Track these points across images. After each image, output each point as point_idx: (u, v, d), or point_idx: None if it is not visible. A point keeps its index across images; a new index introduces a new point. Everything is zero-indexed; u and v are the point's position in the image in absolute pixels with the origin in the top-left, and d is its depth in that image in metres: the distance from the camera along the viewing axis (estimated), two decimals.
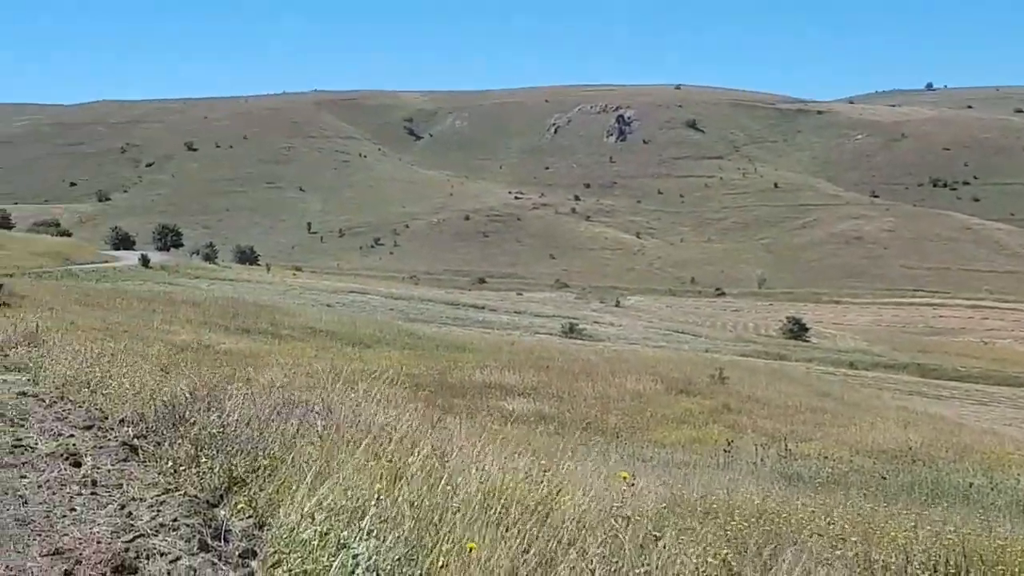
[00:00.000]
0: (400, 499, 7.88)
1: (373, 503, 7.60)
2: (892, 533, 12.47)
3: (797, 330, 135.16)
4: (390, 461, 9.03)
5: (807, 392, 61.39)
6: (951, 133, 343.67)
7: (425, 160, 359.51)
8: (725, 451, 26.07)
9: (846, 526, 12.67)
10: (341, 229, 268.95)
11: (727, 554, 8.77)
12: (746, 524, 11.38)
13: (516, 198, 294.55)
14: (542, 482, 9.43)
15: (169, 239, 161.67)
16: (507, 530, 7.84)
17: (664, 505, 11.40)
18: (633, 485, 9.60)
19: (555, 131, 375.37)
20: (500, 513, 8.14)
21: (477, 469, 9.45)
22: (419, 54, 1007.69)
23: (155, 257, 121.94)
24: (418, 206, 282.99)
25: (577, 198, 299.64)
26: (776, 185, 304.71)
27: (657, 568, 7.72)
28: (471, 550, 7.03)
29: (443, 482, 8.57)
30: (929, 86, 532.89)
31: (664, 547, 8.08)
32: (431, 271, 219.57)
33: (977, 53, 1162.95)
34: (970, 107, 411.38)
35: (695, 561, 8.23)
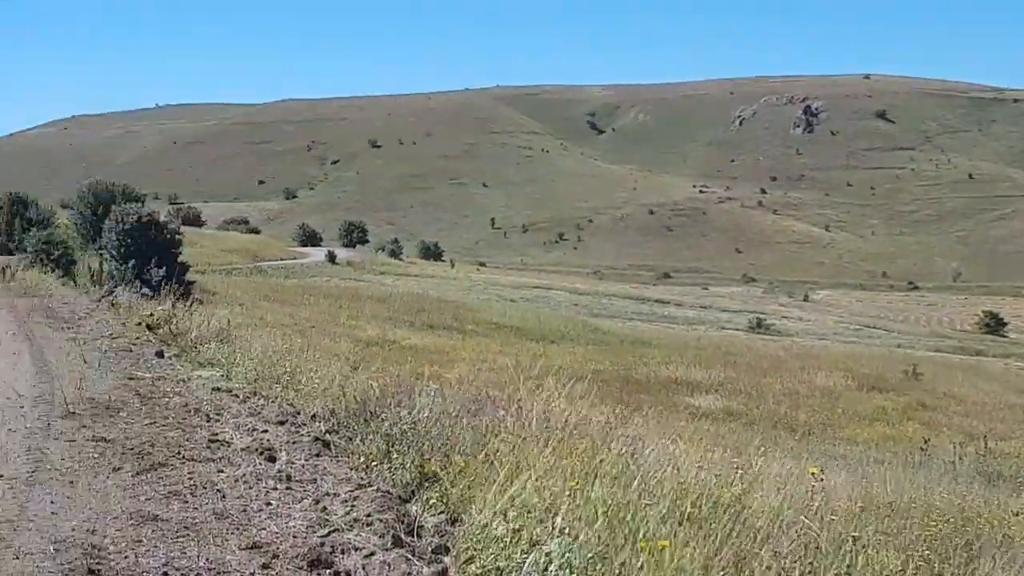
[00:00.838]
0: (592, 496, 7.84)
1: (566, 501, 7.57)
2: None
3: (994, 325, 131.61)
4: (581, 458, 8.97)
5: (1005, 389, 59.80)
6: None
7: (608, 154, 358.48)
8: (921, 449, 25.44)
9: None
10: (524, 225, 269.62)
11: (928, 555, 8.57)
12: (946, 525, 11.09)
13: (701, 192, 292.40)
14: (734, 480, 9.30)
15: (355, 235, 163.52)
16: (699, 528, 7.75)
17: (859, 505, 11.15)
18: (822, 480, 9.43)
19: (740, 123, 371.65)
20: (692, 511, 8.04)
21: (668, 466, 9.36)
22: (602, 48, 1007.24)
23: (341, 253, 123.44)
24: (601, 201, 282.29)
25: (763, 191, 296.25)
26: (971, 176, 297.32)
27: (857, 568, 7.57)
28: (663, 548, 6.95)
29: (635, 480, 8.50)
30: None
31: (862, 547, 7.91)
32: (615, 266, 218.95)
33: None
34: None
35: (896, 562, 8.05)
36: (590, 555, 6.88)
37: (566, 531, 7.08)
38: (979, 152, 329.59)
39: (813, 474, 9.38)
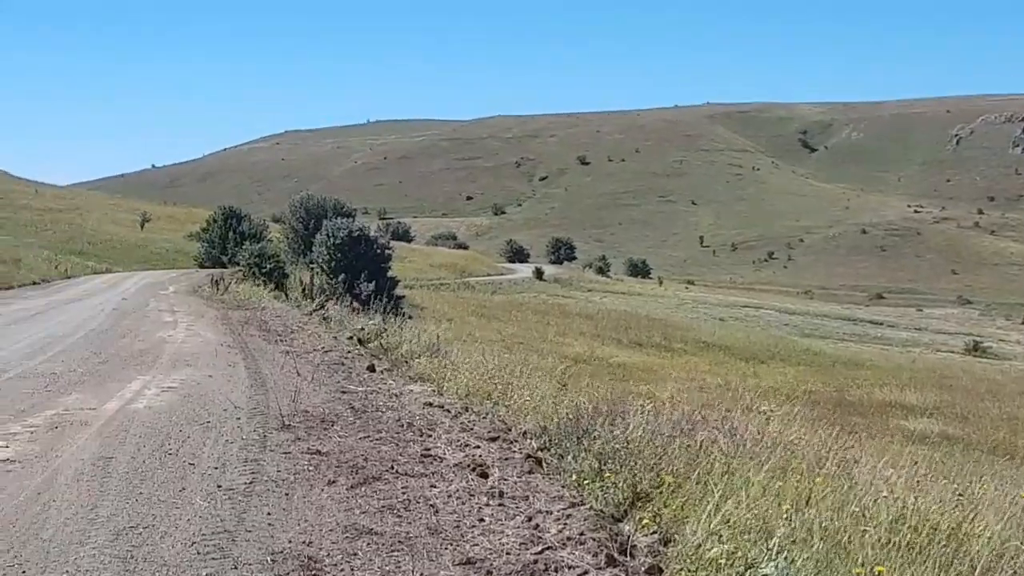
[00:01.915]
0: (809, 519, 7.71)
1: (781, 523, 7.45)
2: None
3: None
4: (795, 480, 8.84)
5: None
6: None
7: (820, 173, 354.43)
8: None
9: None
10: (734, 243, 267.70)
11: None
12: None
13: (916, 212, 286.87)
14: (955, 507, 9.06)
15: (562, 252, 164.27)
16: (918, 554, 7.58)
17: None
18: None
19: (957, 142, 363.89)
20: (911, 537, 7.86)
21: (884, 491, 9.15)
22: (813, 64, 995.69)
23: (548, 270, 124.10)
24: (813, 220, 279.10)
25: (981, 212, 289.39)
26: None
27: None
28: (880, 574, 6.81)
29: (851, 503, 8.34)
30: None
31: None
32: (826, 286, 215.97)
33: None
34: None
35: None
36: None
37: (782, 554, 6.96)
38: None
39: None
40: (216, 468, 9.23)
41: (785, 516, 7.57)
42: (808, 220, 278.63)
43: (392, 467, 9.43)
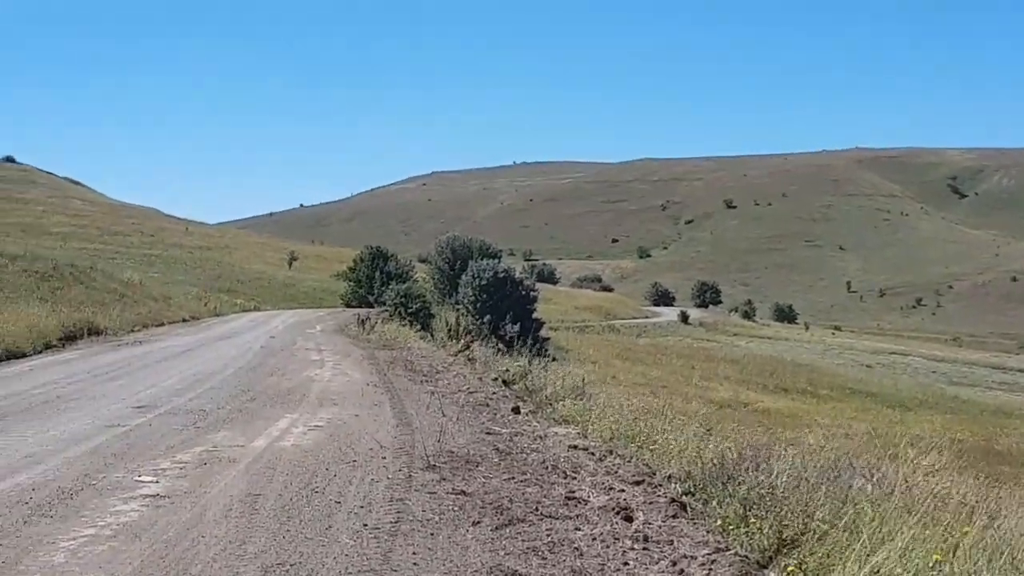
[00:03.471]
0: (959, 571, 7.60)
1: (928, 574, 7.36)
2: None
3: None
4: (944, 530, 8.71)
5: None
6: None
7: (969, 219, 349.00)
8: None
9: None
10: (881, 289, 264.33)
11: None
12: None
13: None
14: None
15: (708, 296, 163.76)
16: None
17: None
18: None
19: None
20: None
21: None
22: (963, 109, 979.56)
23: (693, 313, 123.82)
24: (962, 266, 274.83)
25: None
26: None
27: None
28: None
29: (1004, 556, 8.20)
30: None
31: None
32: (975, 333, 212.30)
33: None
34: None
35: None
36: None
37: None
38: None
39: None
40: (362, 507, 9.33)
41: (933, 566, 7.48)
42: (957, 267, 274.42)
43: (536, 509, 9.46)
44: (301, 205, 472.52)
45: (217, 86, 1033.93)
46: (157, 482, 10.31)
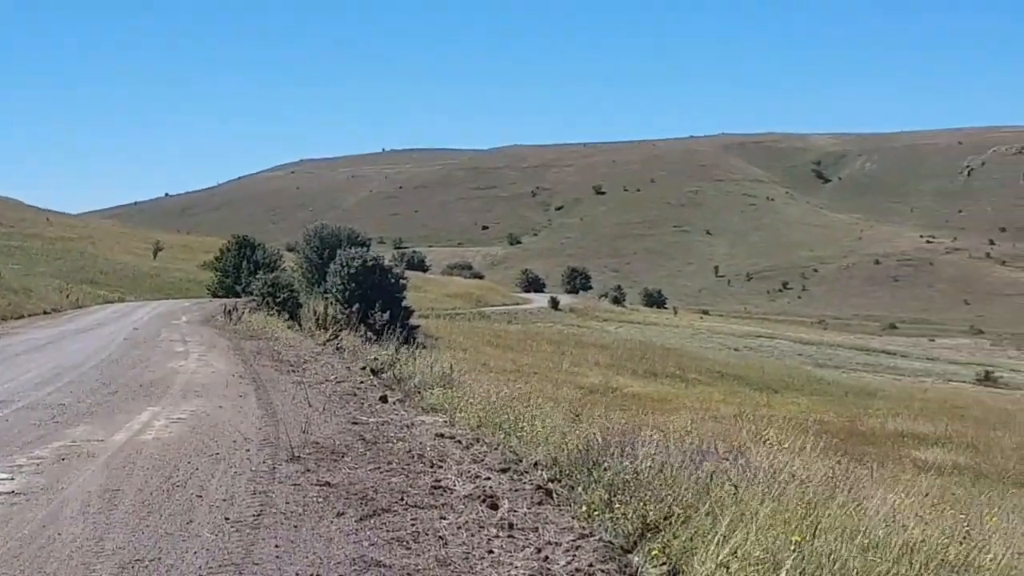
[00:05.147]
0: (817, 550, 7.70)
1: (790, 554, 7.45)
2: None
3: None
4: (805, 511, 8.83)
5: None
6: None
7: (833, 203, 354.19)
8: None
9: None
10: (748, 273, 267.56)
11: None
12: None
13: (928, 242, 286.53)
14: (963, 538, 9.05)
15: (578, 282, 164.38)
16: None
17: None
18: None
19: (969, 173, 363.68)
20: (919, 568, 7.86)
21: (893, 521, 9.15)
22: (828, 95, 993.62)
23: (564, 299, 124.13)
24: (826, 250, 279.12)
25: (992, 242, 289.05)
26: None
27: None
28: None
29: (860, 535, 8.33)
30: None
31: None
32: (840, 316, 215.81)
33: None
34: None
35: None
36: None
37: None
38: None
39: None
40: (224, 500, 9.24)
41: (794, 547, 7.57)
42: (822, 250, 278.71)
43: (402, 499, 9.43)
44: (167, 194, 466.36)
45: (82, 72, 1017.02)
46: (12, 479, 10.12)
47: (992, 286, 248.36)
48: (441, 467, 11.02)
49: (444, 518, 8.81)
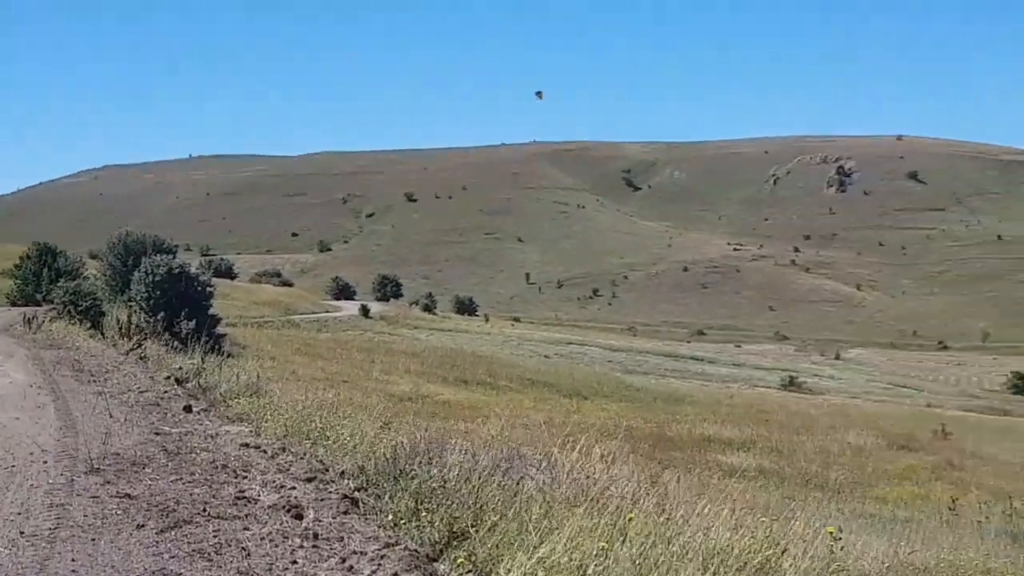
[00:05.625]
0: (622, 557, 7.73)
1: (595, 561, 7.47)
2: None
3: (1023, 385, 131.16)
4: (612, 518, 8.86)
5: None
6: None
7: (644, 211, 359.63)
8: (949, 509, 25.38)
9: None
10: (559, 280, 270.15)
11: None
12: None
13: (735, 250, 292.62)
14: (764, 540, 9.18)
15: (389, 289, 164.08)
16: None
17: (887, 565, 11.05)
18: (840, 540, 9.34)
19: (774, 182, 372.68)
20: (722, 572, 7.95)
21: (698, 527, 9.24)
22: (638, 105, 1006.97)
23: (375, 307, 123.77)
24: (636, 257, 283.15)
25: (797, 250, 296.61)
26: (1000, 237, 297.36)
27: None
28: None
29: (666, 540, 8.39)
30: None
31: None
32: (649, 323, 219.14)
33: None
34: None
35: None
36: None
37: None
38: (1009, 213, 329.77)
39: (831, 533, 9.33)
40: (19, 514, 8.93)
41: (599, 554, 7.59)
42: (632, 258, 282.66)
43: (204, 510, 9.24)
44: None
45: None
46: None
47: (796, 293, 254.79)
48: (246, 477, 10.84)
49: (248, 529, 8.65)
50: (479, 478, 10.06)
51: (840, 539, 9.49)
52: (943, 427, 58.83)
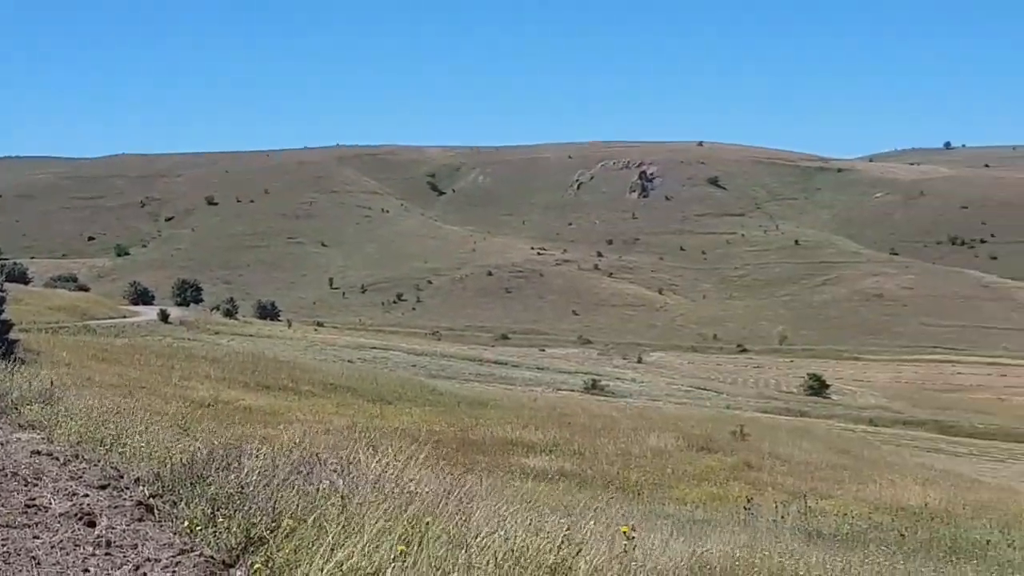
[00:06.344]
0: (420, 561, 7.75)
1: (391, 565, 7.47)
2: None
3: (818, 387, 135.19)
4: (411, 521, 8.87)
5: (827, 449, 61.47)
6: (969, 191, 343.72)
7: (448, 216, 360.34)
8: (745, 508, 25.97)
9: None
10: (363, 285, 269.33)
11: None
12: None
13: (539, 254, 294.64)
14: (561, 541, 9.27)
15: (189, 294, 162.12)
16: None
17: (682, 563, 11.26)
18: (633, 539, 9.46)
19: (578, 187, 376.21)
20: (516, 573, 8.02)
21: (498, 528, 9.30)
22: (443, 109, 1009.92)
23: (174, 312, 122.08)
24: (441, 262, 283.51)
25: (600, 254, 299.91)
26: (797, 242, 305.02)
27: None
28: None
29: (464, 542, 8.44)
30: (947, 145, 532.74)
31: None
32: (453, 327, 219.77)
33: (994, 113, 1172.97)
34: (987, 166, 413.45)
35: None
36: None
37: None
38: (806, 219, 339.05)
39: (624, 532, 9.46)
40: None
41: (396, 557, 7.60)
42: (436, 262, 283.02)
43: None
44: None
45: None
46: None
47: (599, 297, 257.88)
48: (36, 485, 10.59)
49: (38, 537, 8.46)
50: (278, 483, 10.00)
51: (633, 538, 9.60)
52: (741, 428, 59.99)
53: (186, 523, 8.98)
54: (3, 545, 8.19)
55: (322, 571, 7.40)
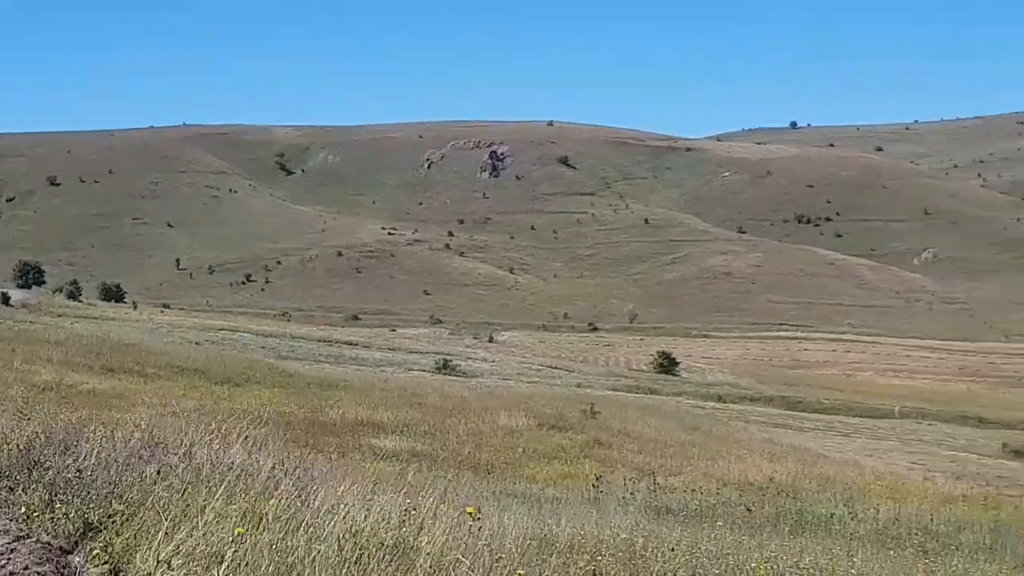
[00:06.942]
0: (259, 543, 7.77)
1: (231, 548, 7.49)
2: (753, 565, 12.66)
3: (667, 364, 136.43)
4: (251, 504, 8.89)
5: (677, 426, 62.17)
6: (814, 171, 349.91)
7: (297, 195, 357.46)
8: (594, 486, 26.20)
9: (704, 560, 12.73)
10: (211, 266, 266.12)
11: None
12: (613, 559, 11.42)
13: (390, 234, 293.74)
14: (404, 521, 9.35)
15: (31, 276, 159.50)
16: (364, 571, 7.79)
17: (530, 542, 11.37)
18: (479, 520, 9.57)
19: (429, 167, 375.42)
20: (359, 554, 8.07)
21: (340, 509, 9.35)
22: (291, 89, 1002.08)
23: (16, 295, 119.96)
24: (290, 242, 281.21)
25: (451, 234, 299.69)
26: (647, 221, 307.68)
27: None
28: None
29: (304, 524, 8.48)
30: (793, 124, 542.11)
31: None
32: (303, 308, 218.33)
33: (838, 94, 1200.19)
34: (832, 145, 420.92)
35: None
36: None
37: None
38: (655, 198, 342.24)
39: (471, 513, 9.55)
40: None
41: (235, 540, 7.62)
42: (285, 242, 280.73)
43: None
44: None
45: None
46: None
47: (451, 276, 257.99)
48: None
49: None
50: (118, 467, 9.95)
51: (479, 518, 9.71)
52: (592, 407, 60.40)
53: (23, 509, 8.91)
54: None
55: (160, 556, 7.40)
